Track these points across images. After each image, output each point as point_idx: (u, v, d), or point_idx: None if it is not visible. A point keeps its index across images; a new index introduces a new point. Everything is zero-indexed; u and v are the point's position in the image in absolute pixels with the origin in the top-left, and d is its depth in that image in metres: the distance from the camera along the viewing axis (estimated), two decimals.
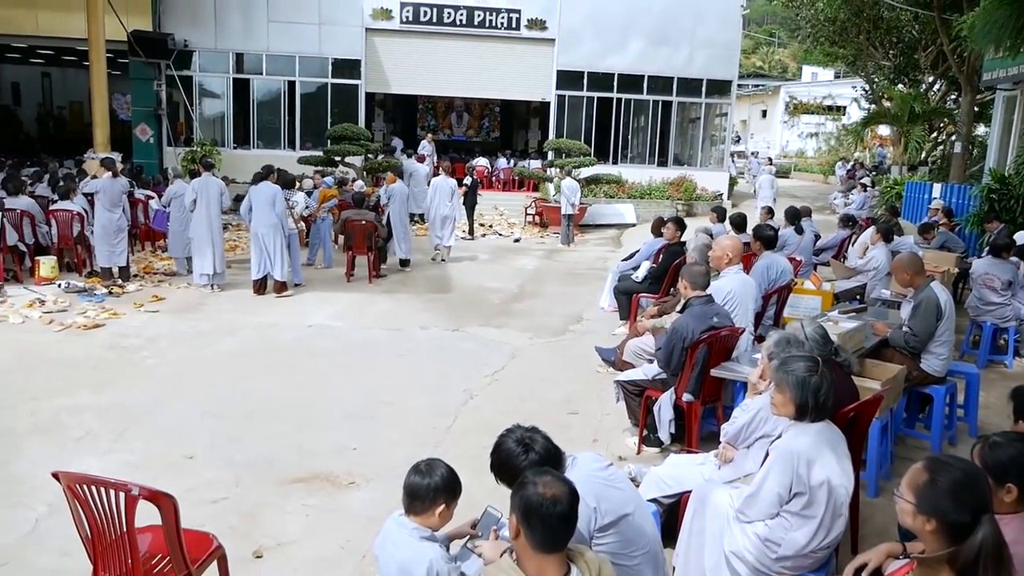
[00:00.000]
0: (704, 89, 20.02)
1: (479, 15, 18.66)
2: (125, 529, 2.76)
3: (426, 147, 19.31)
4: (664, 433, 4.83)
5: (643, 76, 19.62)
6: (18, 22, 17.31)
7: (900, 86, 22.72)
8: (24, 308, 8.09)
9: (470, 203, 14.82)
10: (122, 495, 2.69)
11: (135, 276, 9.84)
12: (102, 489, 2.71)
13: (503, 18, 18.78)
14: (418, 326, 8.25)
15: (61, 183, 10.83)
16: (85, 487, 2.73)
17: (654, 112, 20.04)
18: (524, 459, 2.55)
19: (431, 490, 2.55)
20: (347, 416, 5.64)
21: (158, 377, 6.40)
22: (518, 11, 18.80)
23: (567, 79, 19.36)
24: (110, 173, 9.34)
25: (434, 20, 18.56)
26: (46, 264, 9.36)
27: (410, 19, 18.48)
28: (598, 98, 19.61)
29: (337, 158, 15.96)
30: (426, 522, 2.57)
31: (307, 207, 9.88)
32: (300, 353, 7.17)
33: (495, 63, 19.12)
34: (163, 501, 2.73)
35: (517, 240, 15.05)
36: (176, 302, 8.86)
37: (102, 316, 7.96)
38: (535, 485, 2.07)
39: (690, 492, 3.45)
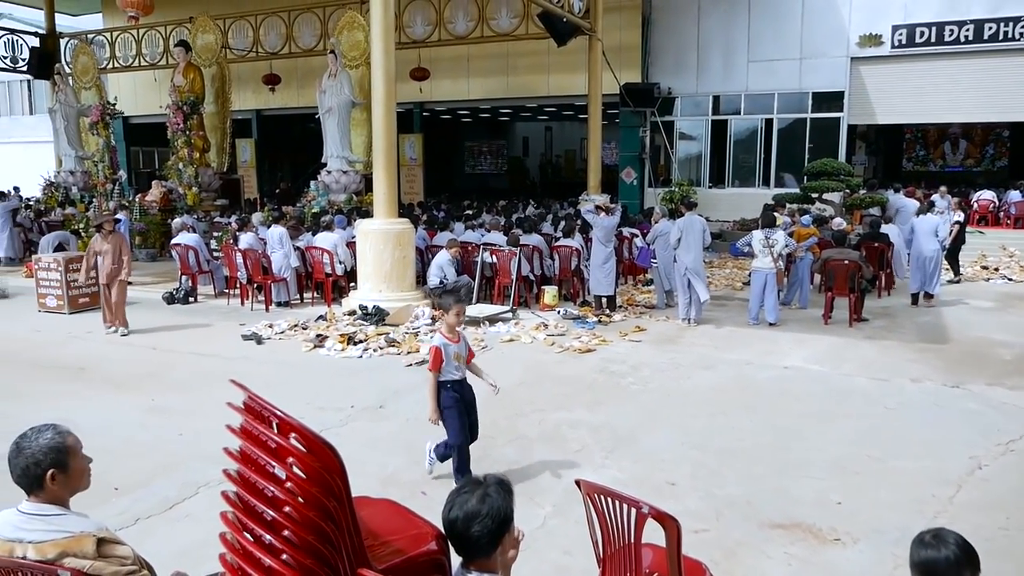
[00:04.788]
0: None
1: (991, 28, 16.37)
2: (632, 542, 2.94)
3: (939, 202, 17.00)
4: None
5: None
6: (534, 86, 20.38)
7: None
8: (532, 330, 9.35)
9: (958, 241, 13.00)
10: (633, 511, 2.87)
11: (619, 307, 10.69)
12: (616, 501, 2.93)
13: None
14: (908, 378, 7.45)
15: (563, 223, 12.36)
16: (602, 497, 2.98)
17: None
18: None
19: (950, 564, 2.19)
20: (830, 467, 5.31)
21: (641, 403, 6.81)
22: None
23: None
24: (606, 212, 10.36)
25: (932, 40, 16.81)
26: (549, 293, 10.72)
27: (903, 42, 17.04)
28: None
29: (814, 195, 15.40)
30: None
31: (786, 245, 9.67)
32: (777, 394, 6.99)
33: (1011, 81, 16.50)
34: (669, 523, 2.84)
35: None
36: (656, 334, 9.39)
37: (593, 342, 8.81)
38: None
39: None
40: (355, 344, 8.67)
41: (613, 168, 21.66)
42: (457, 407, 4.94)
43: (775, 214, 10.79)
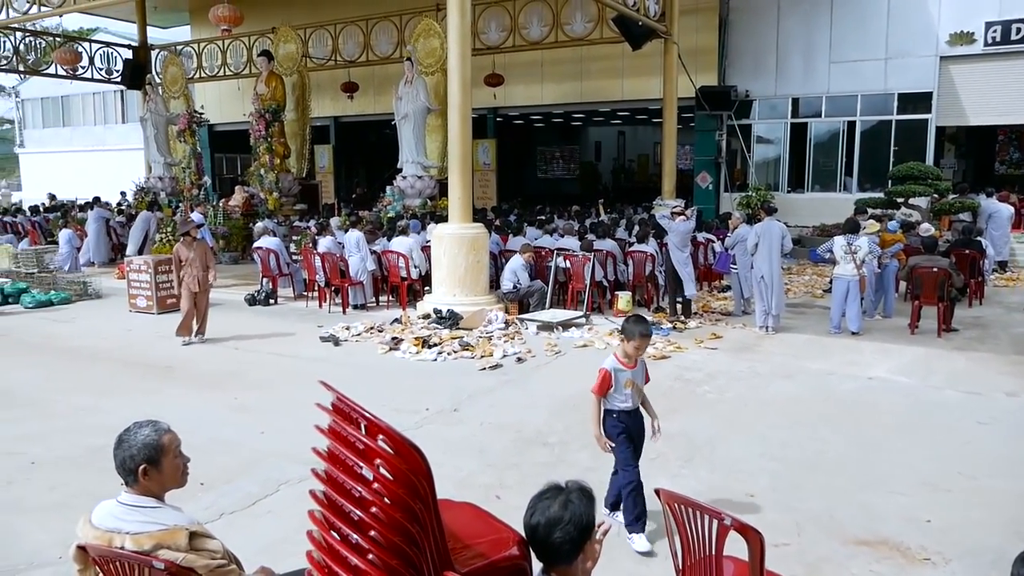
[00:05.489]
0: None
1: None
2: (713, 553, 2.88)
3: None
4: None
5: None
6: (608, 91, 20.27)
7: None
8: (606, 336, 9.28)
9: None
10: (715, 522, 2.82)
11: (695, 314, 10.52)
12: (698, 512, 2.87)
13: None
14: (1003, 392, 7.10)
15: (636, 228, 12.24)
16: (682, 507, 2.93)
17: None
18: None
19: None
20: (918, 483, 5.09)
21: (718, 412, 6.68)
22: None
23: None
24: (683, 217, 10.23)
25: None
26: (623, 298, 10.62)
27: (997, 40, 16.27)
28: None
29: (899, 199, 14.85)
30: None
31: (870, 252, 9.35)
32: (861, 406, 6.76)
33: None
34: (752, 536, 2.77)
35: None
36: (732, 341, 9.20)
37: (668, 349, 8.68)
38: None
39: None
40: (429, 347, 8.77)
41: (688, 172, 21.34)
42: (623, 437, 4.41)
43: (860, 220, 10.47)
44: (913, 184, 14.84)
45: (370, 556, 2.14)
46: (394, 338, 9.16)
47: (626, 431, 4.41)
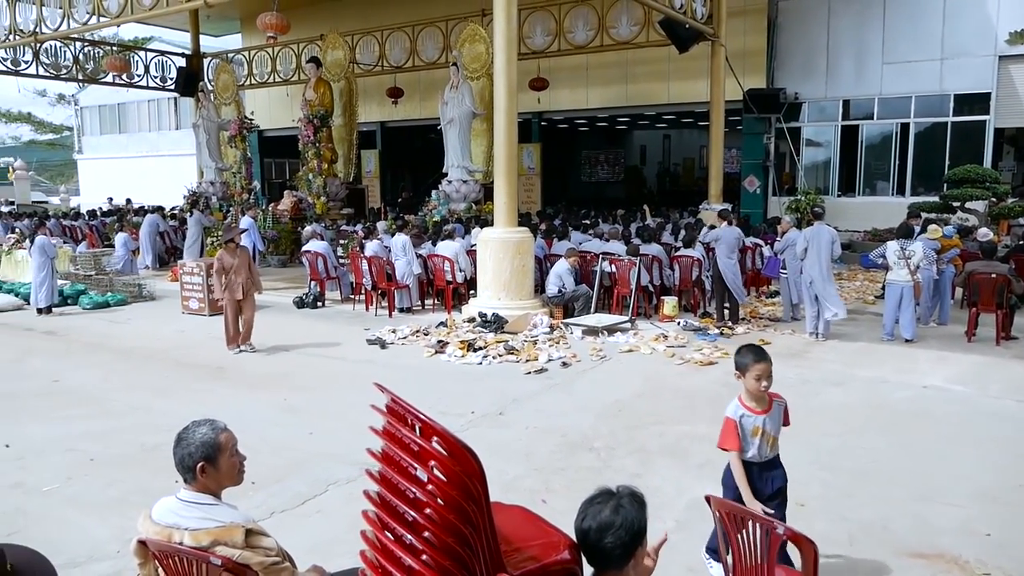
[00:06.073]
0: None
1: None
2: (764, 562, 2.85)
3: None
4: None
5: None
6: (654, 94, 20.14)
7: None
8: (651, 341, 9.22)
9: None
10: (767, 531, 2.79)
11: (742, 320, 10.38)
12: (749, 520, 2.85)
13: None
14: None
15: (683, 232, 12.13)
16: (734, 515, 2.91)
17: None
18: None
19: None
20: (976, 495, 4.95)
21: None
22: None
23: None
24: (727, 222, 10.11)
25: None
26: (669, 303, 10.53)
27: None
28: None
29: (955, 203, 14.46)
30: None
31: (925, 257, 9.13)
32: (915, 415, 6.60)
33: None
34: (806, 546, 2.74)
35: None
36: (781, 347, 9.05)
37: (715, 355, 8.59)
38: None
39: None
40: (475, 351, 8.80)
41: (734, 176, 21.09)
42: (737, 495, 3.62)
43: (914, 224, 10.23)
44: (970, 188, 14.43)
45: (424, 557, 2.16)
46: (440, 341, 9.22)
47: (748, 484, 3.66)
